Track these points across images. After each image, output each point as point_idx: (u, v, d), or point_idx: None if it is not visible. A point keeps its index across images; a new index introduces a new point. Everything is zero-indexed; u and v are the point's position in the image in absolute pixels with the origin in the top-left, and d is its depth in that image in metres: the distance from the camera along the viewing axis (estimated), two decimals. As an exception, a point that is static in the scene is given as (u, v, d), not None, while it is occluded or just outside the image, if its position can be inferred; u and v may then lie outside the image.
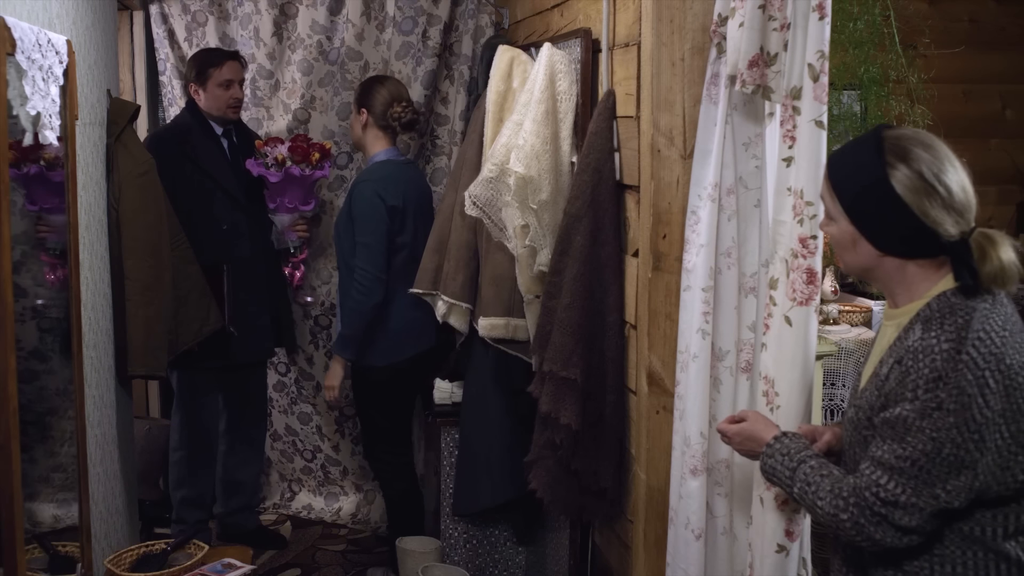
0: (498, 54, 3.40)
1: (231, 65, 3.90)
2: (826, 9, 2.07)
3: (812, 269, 2.10)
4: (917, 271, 1.72)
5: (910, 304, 1.73)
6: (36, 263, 2.51)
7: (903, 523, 1.65)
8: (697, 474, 2.40)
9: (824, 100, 2.10)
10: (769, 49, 2.15)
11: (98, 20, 2.97)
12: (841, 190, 1.75)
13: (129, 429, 3.36)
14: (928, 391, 1.60)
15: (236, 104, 3.94)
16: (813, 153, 2.09)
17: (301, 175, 3.83)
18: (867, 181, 1.70)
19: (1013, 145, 4.74)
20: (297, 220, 3.99)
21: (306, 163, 3.83)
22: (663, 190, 2.51)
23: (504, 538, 3.70)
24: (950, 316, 1.65)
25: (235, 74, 3.91)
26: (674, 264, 2.49)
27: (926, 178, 1.67)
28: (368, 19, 4.23)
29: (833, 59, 2.73)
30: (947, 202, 1.66)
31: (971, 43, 4.34)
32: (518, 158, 2.89)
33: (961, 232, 1.67)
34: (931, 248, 1.69)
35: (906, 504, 1.64)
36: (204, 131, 3.91)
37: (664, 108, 2.48)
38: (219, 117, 3.92)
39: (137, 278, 3.09)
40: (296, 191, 3.90)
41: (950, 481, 1.61)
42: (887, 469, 1.65)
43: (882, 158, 1.69)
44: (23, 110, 2.13)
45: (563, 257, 2.81)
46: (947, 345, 1.61)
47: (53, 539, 2.59)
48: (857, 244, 1.75)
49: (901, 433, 1.63)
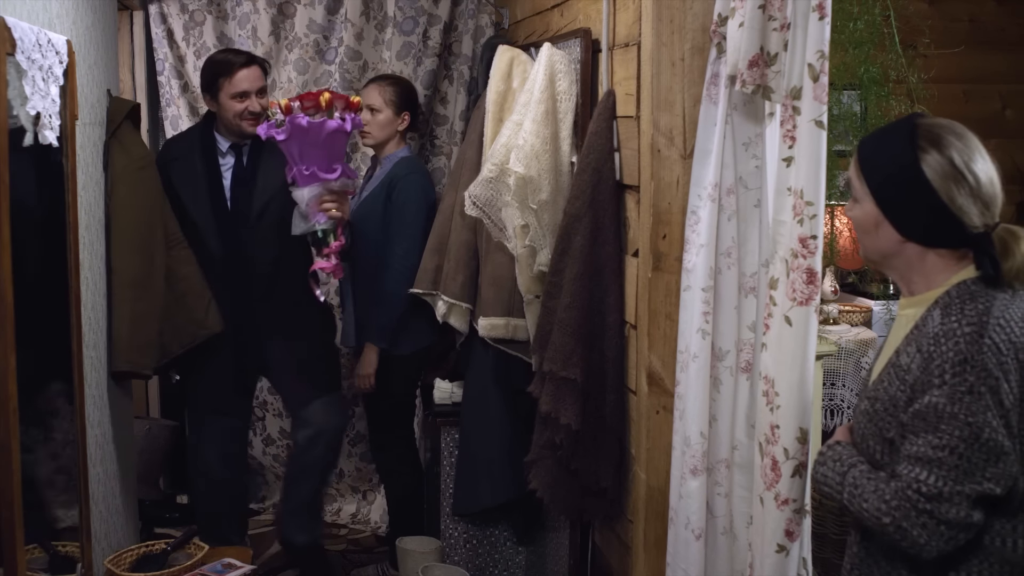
0: (498, 54, 3.40)
1: (246, 74, 3.41)
2: (826, 9, 2.07)
3: (812, 269, 2.09)
4: (937, 261, 1.71)
5: (927, 292, 1.72)
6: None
7: (949, 516, 1.59)
8: (697, 474, 2.40)
9: (824, 100, 2.10)
10: (769, 49, 2.15)
11: (98, 20, 2.97)
12: (869, 171, 1.74)
13: (129, 429, 3.36)
14: (955, 375, 1.58)
15: (253, 117, 3.39)
16: (813, 153, 2.09)
17: (310, 125, 3.08)
18: (897, 164, 1.69)
19: (1013, 145, 4.73)
20: (322, 194, 3.22)
21: (316, 110, 3.11)
22: (663, 190, 2.51)
23: (504, 538, 3.70)
24: (970, 302, 1.63)
25: (251, 83, 3.40)
26: (674, 264, 2.49)
27: (956, 165, 1.66)
28: (368, 19, 4.23)
29: (833, 59, 2.73)
30: (975, 191, 1.66)
31: (971, 43, 4.34)
32: (518, 158, 2.89)
33: (985, 224, 1.67)
34: (954, 238, 1.68)
35: (950, 495, 1.58)
36: (202, 147, 3.50)
37: (664, 108, 2.48)
38: (234, 131, 3.47)
39: (123, 272, 3.05)
40: (313, 153, 3.14)
41: (990, 467, 1.57)
42: (925, 463, 1.60)
43: (914, 143, 1.68)
44: (23, 110, 2.13)
45: (563, 257, 2.81)
46: (968, 329, 1.60)
47: (53, 539, 2.59)
48: (880, 227, 1.73)
49: (934, 423, 1.59)
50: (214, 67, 3.44)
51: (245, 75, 3.40)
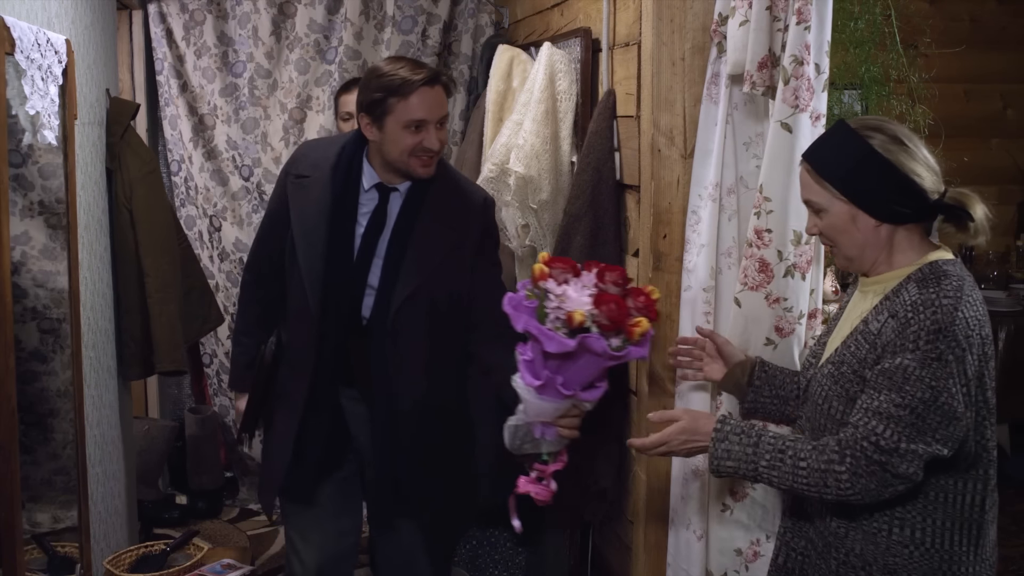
0: (498, 54, 3.40)
1: (427, 96, 2.40)
2: (806, 15, 2.10)
3: (765, 260, 2.24)
4: (905, 238, 1.84)
5: (890, 272, 1.85)
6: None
7: (900, 470, 1.72)
8: (698, 475, 2.40)
9: (795, 104, 2.14)
10: (776, 51, 2.16)
11: (97, 19, 2.97)
12: (830, 174, 1.84)
13: (129, 429, 3.36)
14: (929, 342, 1.70)
15: (428, 155, 2.43)
16: (777, 154, 2.17)
17: (603, 353, 2.10)
18: (852, 156, 1.82)
19: (1014, 145, 4.74)
20: (568, 410, 2.24)
21: (621, 335, 2.10)
22: (663, 190, 2.50)
23: (504, 538, 3.69)
24: (945, 279, 1.77)
25: (432, 110, 2.40)
26: (674, 264, 2.49)
27: (899, 137, 1.82)
28: (367, 18, 4.22)
29: (834, 59, 2.72)
30: (919, 157, 1.81)
31: (972, 43, 4.33)
32: (518, 158, 2.89)
33: (938, 190, 1.81)
34: (919, 210, 1.82)
35: (905, 452, 1.71)
36: (344, 174, 2.50)
37: (664, 108, 2.48)
38: (395, 170, 2.46)
39: (156, 275, 3.11)
40: (585, 370, 2.17)
41: (941, 430, 1.71)
42: (884, 418, 1.73)
43: (858, 134, 1.82)
44: (22, 110, 2.13)
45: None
46: (947, 301, 1.73)
47: (52, 539, 2.59)
48: (857, 220, 1.83)
49: (900, 383, 1.72)
50: (384, 83, 2.40)
51: (426, 98, 2.39)
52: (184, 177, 4.36)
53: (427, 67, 2.44)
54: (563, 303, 2.07)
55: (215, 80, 4.24)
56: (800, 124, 2.15)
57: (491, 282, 2.53)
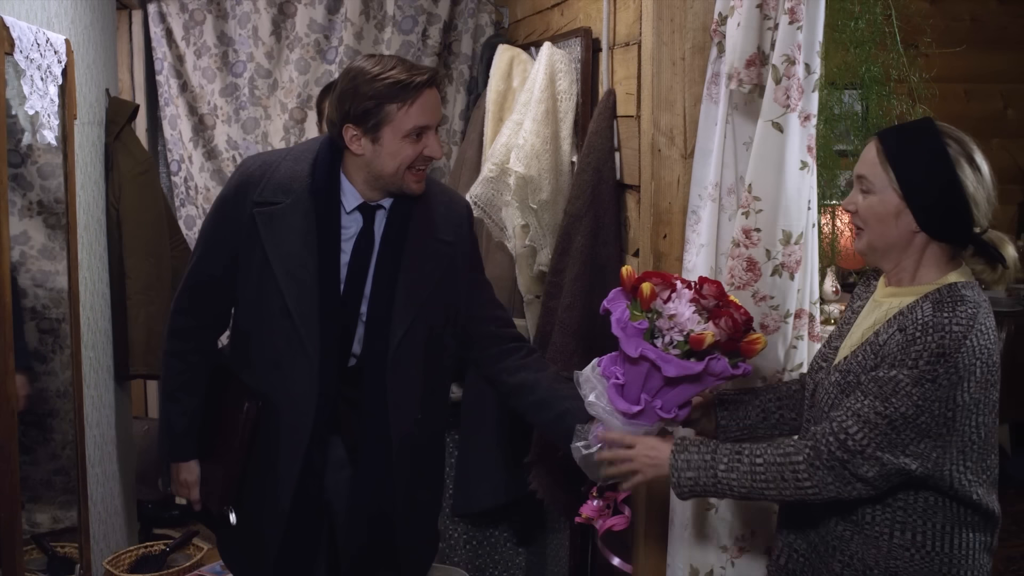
0: (498, 53, 3.39)
1: (428, 99, 2.16)
2: (798, 14, 2.10)
3: (752, 259, 2.22)
4: (934, 254, 1.82)
5: (913, 286, 1.83)
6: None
7: (860, 472, 1.74)
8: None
9: (786, 103, 2.13)
10: (765, 49, 2.16)
11: (97, 19, 2.96)
12: (898, 163, 1.80)
13: (128, 430, 3.36)
14: (929, 363, 1.70)
15: (423, 169, 2.21)
16: (767, 153, 2.17)
17: (722, 373, 1.96)
18: (928, 156, 1.79)
19: (1014, 145, 4.73)
20: (652, 432, 2.05)
21: (736, 355, 1.98)
22: (663, 190, 2.50)
23: (504, 538, 3.69)
24: (961, 304, 1.75)
25: (432, 114, 2.17)
26: (675, 264, 2.49)
27: (976, 161, 1.81)
28: (367, 18, 4.22)
29: (834, 58, 2.72)
30: (985, 186, 1.81)
31: (973, 42, 4.32)
32: (518, 157, 2.88)
33: (984, 225, 1.81)
34: (960, 234, 1.81)
35: (871, 456, 1.73)
36: (323, 198, 2.20)
37: (664, 107, 2.47)
38: (386, 187, 2.21)
39: (138, 277, 3.10)
40: (686, 391, 2.01)
41: (913, 445, 1.72)
42: (861, 421, 1.73)
43: (941, 139, 1.80)
44: (22, 109, 2.13)
45: (563, 257, 2.80)
46: (957, 328, 1.71)
47: (52, 540, 2.59)
48: (900, 217, 1.81)
49: (888, 393, 1.72)
50: (378, 88, 2.11)
51: (428, 100, 2.15)
52: (184, 177, 4.35)
53: (421, 66, 2.21)
54: (676, 323, 1.92)
55: (215, 80, 4.24)
56: (790, 124, 2.16)
57: (487, 295, 2.41)
